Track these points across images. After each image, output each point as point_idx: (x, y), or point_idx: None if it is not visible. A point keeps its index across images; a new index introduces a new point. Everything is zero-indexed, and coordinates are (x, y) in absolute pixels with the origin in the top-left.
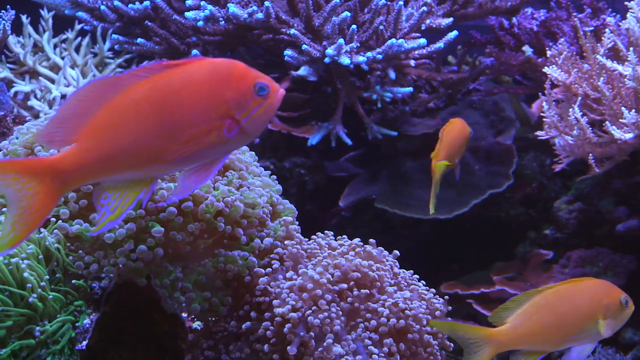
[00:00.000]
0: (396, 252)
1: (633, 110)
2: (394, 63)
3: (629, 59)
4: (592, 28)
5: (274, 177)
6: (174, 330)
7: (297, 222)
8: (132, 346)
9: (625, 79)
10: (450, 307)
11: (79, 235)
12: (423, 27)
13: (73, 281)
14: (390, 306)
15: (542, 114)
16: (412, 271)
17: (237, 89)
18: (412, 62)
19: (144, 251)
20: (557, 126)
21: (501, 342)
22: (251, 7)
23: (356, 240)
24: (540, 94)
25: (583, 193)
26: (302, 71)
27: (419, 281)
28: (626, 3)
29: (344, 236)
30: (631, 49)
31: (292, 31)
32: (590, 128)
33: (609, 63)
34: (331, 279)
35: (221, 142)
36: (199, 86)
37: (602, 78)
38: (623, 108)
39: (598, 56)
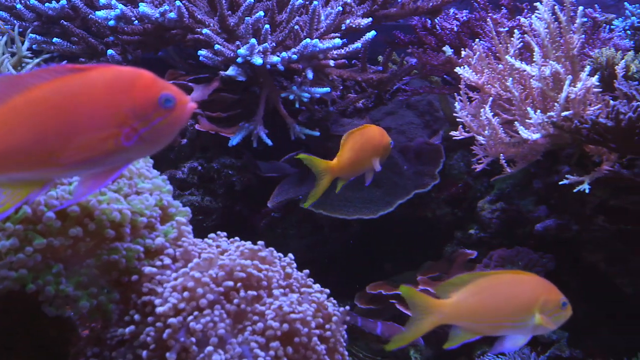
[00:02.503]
0: (291, 255)
1: (539, 111)
2: (315, 63)
3: (534, 59)
4: (507, 29)
5: (164, 177)
6: (63, 335)
7: (190, 226)
8: (21, 353)
9: (531, 80)
10: (371, 307)
11: None
12: (343, 27)
13: None
14: (277, 309)
15: (454, 114)
16: (307, 272)
17: (137, 98)
18: (332, 62)
19: (22, 259)
20: (471, 126)
21: (444, 314)
22: (163, 6)
23: (248, 243)
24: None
25: (504, 193)
26: (231, 71)
27: (315, 283)
28: (535, 4)
29: (237, 238)
30: (536, 49)
31: (205, 31)
32: (502, 128)
33: (517, 63)
34: (214, 276)
35: (119, 150)
36: (98, 92)
37: (510, 79)
38: (529, 108)
39: (507, 57)
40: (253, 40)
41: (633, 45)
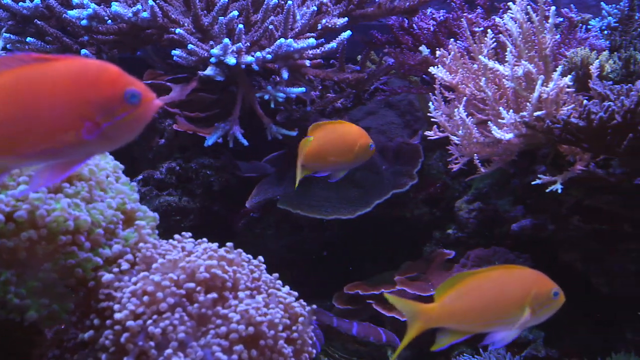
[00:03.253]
0: (260, 257)
1: (511, 111)
2: (290, 63)
3: (506, 59)
4: (482, 28)
5: (133, 183)
6: (28, 336)
7: (156, 230)
8: None
9: (504, 80)
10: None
11: None
12: (319, 27)
13: None
14: (242, 312)
15: (428, 114)
16: (276, 275)
17: (102, 92)
18: (307, 62)
19: None
20: (445, 126)
21: (429, 318)
22: (137, 6)
23: (214, 244)
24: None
25: (482, 193)
26: (209, 71)
27: (284, 286)
28: (508, 4)
29: (204, 239)
30: (508, 49)
31: (178, 30)
32: (476, 128)
33: (490, 63)
34: (175, 278)
35: (79, 143)
36: (61, 83)
37: (484, 78)
38: (501, 108)
39: (480, 56)
40: (226, 40)
41: (609, 45)
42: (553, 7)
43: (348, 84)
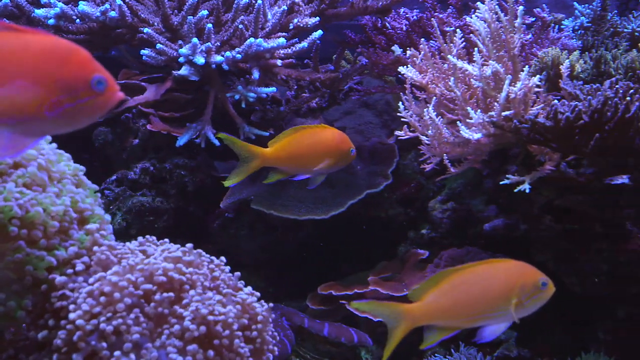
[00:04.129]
0: (223, 257)
1: (479, 110)
2: (262, 63)
3: (474, 59)
4: (453, 28)
5: (94, 186)
6: None
7: (111, 230)
8: None
9: (471, 79)
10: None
11: None
12: (291, 27)
13: None
14: (193, 310)
15: (398, 114)
16: (238, 274)
17: (70, 71)
18: (279, 62)
19: None
20: (415, 126)
21: (415, 317)
22: (105, 5)
23: (174, 246)
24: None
25: (455, 192)
26: (183, 71)
27: (246, 286)
28: (477, 3)
29: (166, 240)
30: (476, 48)
31: (146, 30)
32: (446, 128)
33: (459, 63)
34: (133, 279)
35: (39, 118)
36: (31, 54)
37: (452, 78)
38: (469, 108)
39: (449, 56)
40: (195, 40)
41: (581, 45)
42: (521, 7)
43: (322, 83)
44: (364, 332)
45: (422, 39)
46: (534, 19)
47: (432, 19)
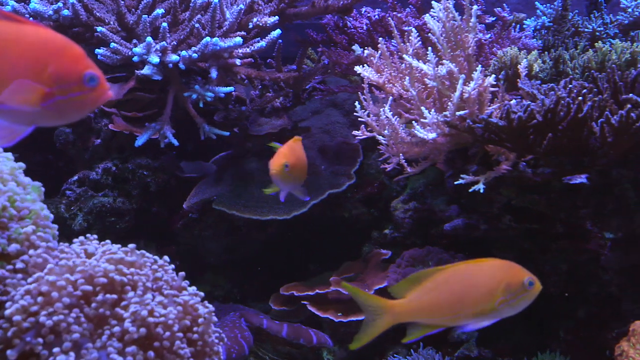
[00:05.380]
0: (166, 257)
1: (433, 110)
2: (221, 62)
3: (428, 58)
4: (410, 27)
5: (38, 184)
6: None
7: (54, 229)
8: None
9: (426, 79)
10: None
11: None
12: (251, 26)
13: None
14: (132, 312)
15: (355, 114)
16: (183, 274)
17: (64, 65)
18: (238, 62)
19: None
20: (373, 126)
21: (397, 314)
22: (58, 3)
23: (116, 246)
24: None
25: (417, 192)
26: (146, 70)
27: (190, 286)
28: (433, 3)
29: (107, 241)
30: (430, 48)
31: (100, 29)
32: (403, 127)
33: (415, 62)
34: (72, 279)
35: (31, 107)
36: (28, 45)
37: (407, 77)
38: (423, 108)
39: (405, 55)
40: (149, 39)
41: (542, 45)
42: (475, 6)
43: (285, 83)
44: (324, 333)
45: (381, 39)
46: (494, 19)
47: (390, 18)
